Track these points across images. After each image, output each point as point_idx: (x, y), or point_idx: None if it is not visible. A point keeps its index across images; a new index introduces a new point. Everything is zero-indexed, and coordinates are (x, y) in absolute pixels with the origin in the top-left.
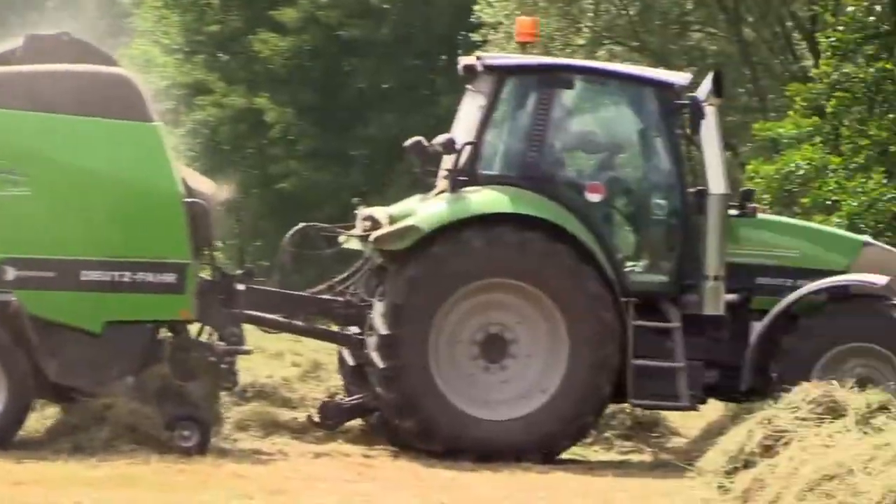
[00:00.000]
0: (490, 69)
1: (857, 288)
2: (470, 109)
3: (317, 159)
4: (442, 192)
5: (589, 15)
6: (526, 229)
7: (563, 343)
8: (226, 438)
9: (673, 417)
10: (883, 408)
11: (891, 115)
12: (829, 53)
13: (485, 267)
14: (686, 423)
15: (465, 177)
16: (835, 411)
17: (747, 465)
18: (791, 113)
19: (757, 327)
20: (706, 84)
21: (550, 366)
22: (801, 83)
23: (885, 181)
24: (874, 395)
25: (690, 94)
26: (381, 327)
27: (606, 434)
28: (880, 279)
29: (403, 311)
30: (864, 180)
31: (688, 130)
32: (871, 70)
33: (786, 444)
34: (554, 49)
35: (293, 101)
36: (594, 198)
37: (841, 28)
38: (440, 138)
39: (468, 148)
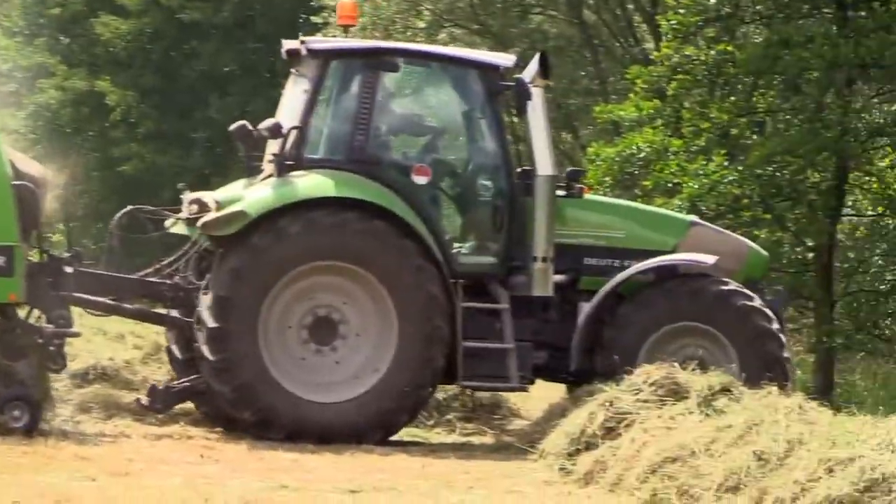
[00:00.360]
0: (315, 53)
1: (685, 267)
2: (294, 94)
3: (158, 142)
4: (269, 176)
5: None
6: (348, 211)
7: (391, 320)
8: (68, 420)
9: (514, 399)
10: (724, 390)
11: (732, 98)
12: (669, 36)
13: (306, 251)
14: (528, 405)
15: (292, 161)
16: (677, 393)
17: (589, 447)
18: (632, 96)
19: (585, 308)
20: (533, 65)
21: (381, 343)
22: (643, 66)
23: (725, 164)
24: (716, 377)
25: (517, 75)
26: (209, 320)
27: (448, 416)
28: (708, 258)
29: (229, 303)
30: (705, 163)
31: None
32: (712, 53)
33: (628, 426)
34: (395, 32)
35: (134, 83)
36: (421, 180)
37: (682, 11)
38: (266, 123)
39: (294, 132)
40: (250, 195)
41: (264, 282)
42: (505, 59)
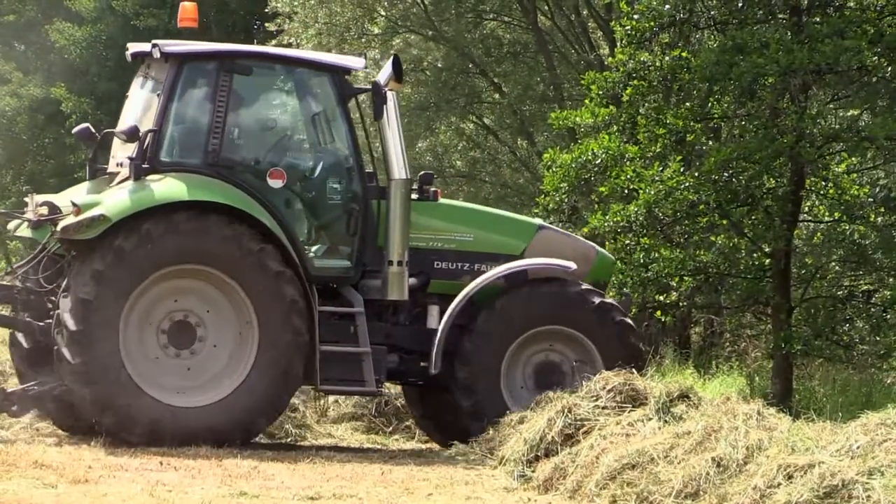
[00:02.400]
0: (168, 57)
1: (534, 272)
2: (144, 97)
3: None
4: (124, 180)
5: (384, 3)
6: (205, 215)
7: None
8: (27, 428)
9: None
10: (683, 396)
11: (687, 104)
12: (624, 42)
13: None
14: None
15: (148, 165)
16: (635, 400)
17: (548, 453)
18: (587, 102)
19: (434, 311)
20: (387, 69)
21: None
22: (598, 72)
23: (682, 170)
24: (674, 384)
25: (373, 79)
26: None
27: (407, 422)
28: (559, 263)
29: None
30: (661, 169)
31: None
32: (667, 59)
33: (587, 432)
34: (350, 38)
35: (90, 90)
36: (276, 184)
37: (636, 17)
38: (123, 126)
39: (150, 136)
40: (109, 199)
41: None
42: (356, 61)
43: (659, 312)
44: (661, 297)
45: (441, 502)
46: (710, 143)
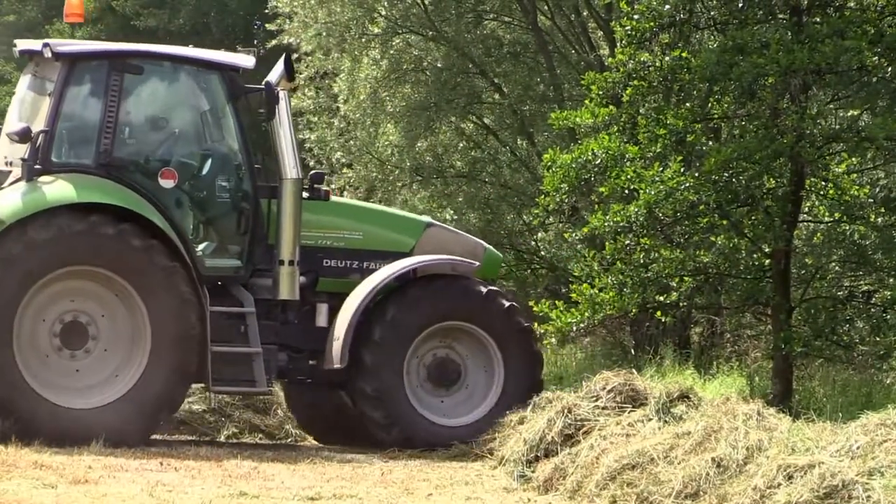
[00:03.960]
0: (59, 56)
1: (423, 269)
2: (34, 96)
3: None
4: (16, 181)
5: (384, 4)
6: (96, 216)
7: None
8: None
9: None
10: (683, 396)
11: (687, 104)
12: (624, 42)
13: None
14: None
15: (40, 166)
16: (635, 400)
17: (548, 454)
18: (587, 102)
19: (323, 309)
20: (278, 68)
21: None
22: (597, 72)
23: (682, 170)
24: (674, 385)
25: (266, 79)
26: None
27: None
28: (448, 259)
29: None
30: (661, 169)
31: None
32: (667, 59)
33: (586, 432)
34: (350, 38)
35: None
36: (167, 184)
37: (636, 17)
38: (14, 127)
39: (42, 136)
40: (1, 202)
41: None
42: (245, 60)
43: (659, 313)
44: (661, 298)
45: (441, 503)
46: (711, 143)
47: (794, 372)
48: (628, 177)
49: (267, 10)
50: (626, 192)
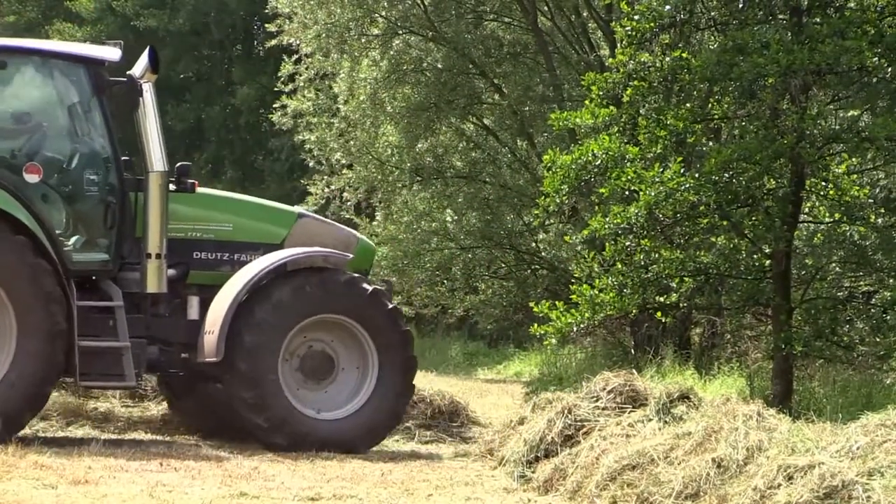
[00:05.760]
0: None
1: (294, 264)
2: None
3: None
4: None
5: (383, 5)
6: None
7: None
8: (28, 428)
9: (473, 406)
10: (683, 397)
11: (687, 105)
12: (624, 43)
13: None
14: (487, 412)
15: None
16: (635, 401)
17: (548, 454)
18: (587, 103)
19: (194, 302)
20: (142, 60)
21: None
22: (598, 73)
23: (682, 171)
24: (674, 385)
25: (128, 71)
26: None
27: (407, 424)
28: (321, 252)
29: None
30: (661, 170)
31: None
32: (667, 59)
33: (586, 433)
34: (350, 39)
35: None
36: (32, 178)
37: (636, 17)
38: None
39: None
40: None
41: None
42: (111, 52)
43: (659, 313)
44: (662, 298)
45: (441, 503)
46: (711, 144)
47: (795, 372)
48: (628, 178)
49: (267, 11)
50: (627, 193)
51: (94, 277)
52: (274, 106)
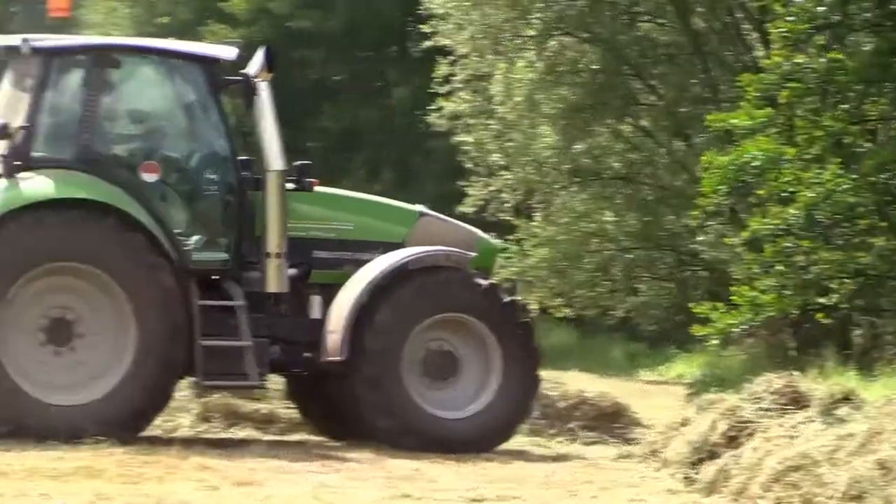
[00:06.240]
0: (37, 51)
1: (415, 263)
2: (14, 92)
3: None
4: None
5: (538, 5)
6: (77, 211)
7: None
8: (190, 429)
9: (636, 408)
10: (845, 398)
11: (844, 106)
12: (779, 44)
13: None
14: (650, 413)
15: (20, 161)
16: (798, 402)
17: (712, 456)
18: (744, 104)
19: (316, 301)
20: (258, 59)
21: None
22: (753, 73)
23: (840, 172)
24: (837, 386)
25: (242, 70)
26: None
27: (570, 425)
28: (443, 251)
29: None
30: (819, 171)
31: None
32: (823, 60)
33: (750, 434)
34: (504, 40)
35: None
36: (150, 178)
37: (791, 18)
38: None
39: (22, 132)
40: None
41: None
42: (227, 52)
43: (820, 315)
44: (822, 300)
45: None
46: (868, 145)
47: None
48: (787, 179)
49: (421, 11)
50: (785, 194)
51: (214, 277)
52: (430, 107)
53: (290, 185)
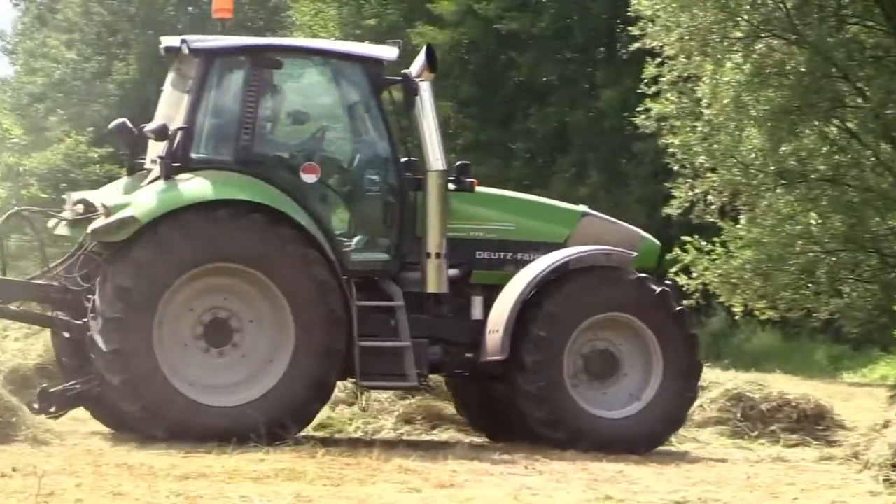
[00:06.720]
0: (196, 52)
1: (577, 262)
2: (176, 93)
3: (477, 152)
4: (155, 179)
5: (746, 8)
6: (243, 213)
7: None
8: (391, 432)
9: (839, 410)
10: None
11: None
12: None
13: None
14: (852, 415)
15: (179, 163)
16: None
17: None
18: None
19: (477, 302)
20: (420, 59)
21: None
22: None
23: None
24: None
25: (403, 70)
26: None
27: (772, 427)
28: (604, 250)
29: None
30: None
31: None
32: None
33: None
34: (713, 42)
35: (452, 94)
36: (310, 178)
37: None
38: (152, 125)
39: (180, 133)
40: (139, 199)
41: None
42: (388, 52)
43: None
44: None
45: None
46: None
47: None
48: None
49: (629, 13)
50: None
51: (374, 278)
52: (637, 109)
53: (450, 186)
